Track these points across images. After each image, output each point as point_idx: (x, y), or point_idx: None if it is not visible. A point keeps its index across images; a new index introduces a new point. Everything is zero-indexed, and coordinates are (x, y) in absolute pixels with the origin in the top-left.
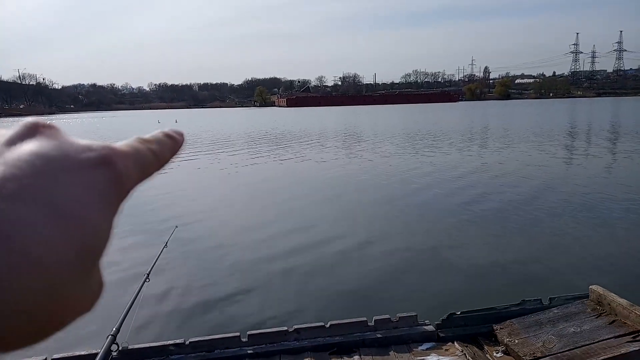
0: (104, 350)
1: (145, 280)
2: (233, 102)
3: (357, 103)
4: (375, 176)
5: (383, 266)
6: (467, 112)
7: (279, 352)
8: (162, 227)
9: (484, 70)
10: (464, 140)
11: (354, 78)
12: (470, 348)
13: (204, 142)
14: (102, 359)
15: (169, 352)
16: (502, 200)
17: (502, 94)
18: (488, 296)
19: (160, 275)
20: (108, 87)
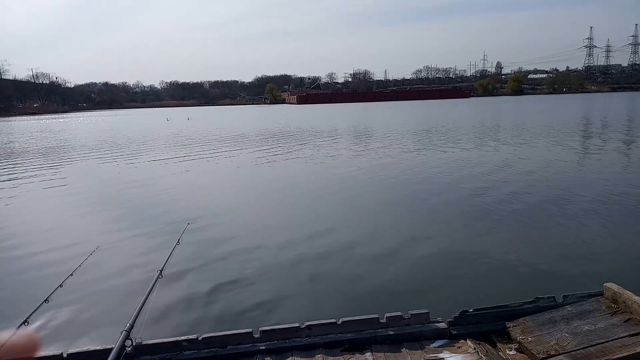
0: (118, 346)
1: (158, 277)
2: (244, 99)
3: (367, 99)
4: (389, 173)
5: (394, 263)
6: (480, 108)
7: (291, 348)
8: (174, 224)
9: (496, 65)
10: (480, 136)
11: (365, 74)
12: (483, 345)
13: (215, 139)
14: (117, 354)
15: (182, 348)
16: (516, 196)
17: (515, 89)
18: (500, 294)
19: (173, 271)
20: (120, 86)
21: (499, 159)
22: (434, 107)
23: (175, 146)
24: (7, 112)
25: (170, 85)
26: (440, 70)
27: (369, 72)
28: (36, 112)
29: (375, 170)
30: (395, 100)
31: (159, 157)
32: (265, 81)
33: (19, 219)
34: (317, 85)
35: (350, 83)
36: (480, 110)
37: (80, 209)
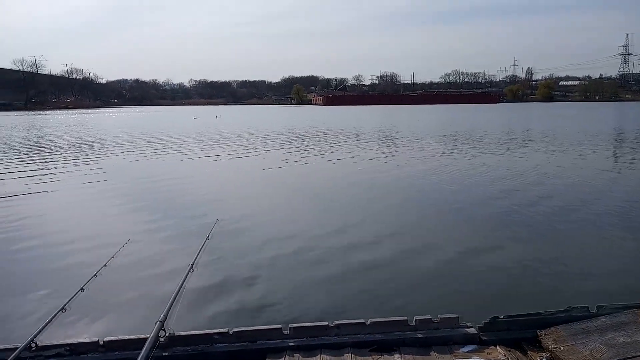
0: (153, 336)
1: (189, 271)
2: (270, 99)
3: (394, 102)
4: (419, 176)
5: (423, 266)
6: (510, 113)
7: (320, 346)
8: (204, 220)
9: (527, 71)
10: (510, 142)
11: (392, 77)
12: (514, 352)
13: (244, 138)
14: (151, 344)
15: (213, 341)
16: (550, 204)
17: (545, 96)
18: (531, 301)
19: (204, 266)
20: (150, 83)
21: (532, 165)
22: (461, 112)
23: (204, 144)
24: (42, 105)
25: (199, 84)
26: (469, 74)
27: (396, 74)
28: (69, 106)
29: (405, 172)
30: (422, 104)
31: (189, 153)
32: (292, 82)
33: (55, 210)
34: (343, 87)
35: (377, 85)
36: (510, 115)
37: (113, 202)
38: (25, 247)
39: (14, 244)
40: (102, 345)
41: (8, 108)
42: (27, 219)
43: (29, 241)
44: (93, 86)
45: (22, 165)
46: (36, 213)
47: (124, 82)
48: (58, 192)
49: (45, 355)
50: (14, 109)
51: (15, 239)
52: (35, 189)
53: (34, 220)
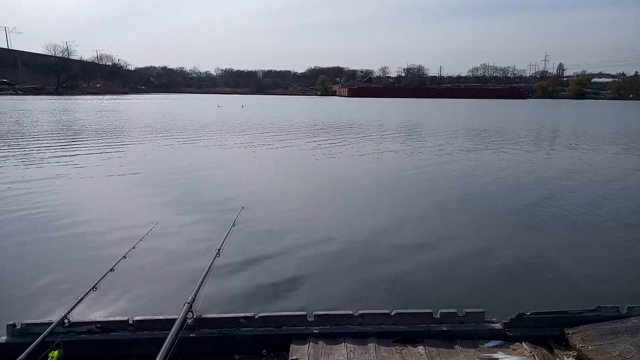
0: (182, 317)
1: (216, 256)
2: (295, 90)
3: (420, 96)
4: (446, 171)
5: (448, 260)
6: (540, 110)
7: (344, 334)
8: (229, 207)
9: (558, 67)
10: (542, 139)
11: (419, 70)
12: (540, 350)
13: (269, 127)
14: (180, 325)
15: (239, 324)
16: (585, 201)
17: (577, 92)
18: (558, 300)
19: (229, 251)
20: (177, 70)
21: (563, 162)
22: (489, 107)
23: (230, 132)
24: (73, 90)
25: (225, 73)
26: (497, 69)
27: (423, 67)
28: (98, 92)
29: (432, 167)
30: (448, 98)
31: (215, 142)
32: (317, 72)
33: (86, 194)
34: (369, 79)
35: (403, 78)
36: (540, 112)
37: (141, 187)
38: (58, 228)
39: (49, 226)
40: (132, 324)
41: (40, 92)
42: (60, 202)
43: (61, 223)
44: (122, 72)
45: (56, 149)
46: (69, 196)
47: (152, 69)
48: (89, 176)
49: (77, 331)
50: (46, 93)
51: (49, 221)
52: (68, 173)
53: (66, 203)
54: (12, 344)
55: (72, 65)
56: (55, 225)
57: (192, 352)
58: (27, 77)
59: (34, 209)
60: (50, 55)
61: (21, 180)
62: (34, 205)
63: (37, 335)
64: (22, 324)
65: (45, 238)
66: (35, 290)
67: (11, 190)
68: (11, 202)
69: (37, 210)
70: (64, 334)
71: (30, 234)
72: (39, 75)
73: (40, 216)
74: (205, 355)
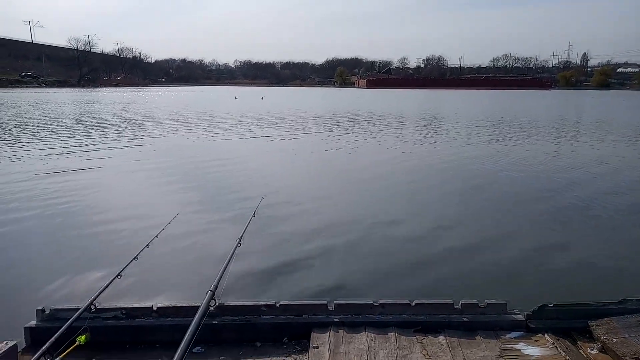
0: (205, 304)
1: (237, 245)
2: (313, 81)
3: (440, 86)
4: (468, 162)
5: (470, 251)
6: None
7: (364, 323)
8: (249, 198)
9: (582, 57)
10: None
11: (439, 60)
12: (563, 342)
13: (290, 119)
14: (203, 312)
15: (260, 312)
16: (612, 193)
17: (601, 83)
18: (581, 292)
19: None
20: (197, 63)
21: (590, 154)
22: (510, 98)
23: (250, 124)
24: (94, 83)
25: (244, 65)
26: (519, 59)
27: (443, 58)
28: (119, 84)
29: (452, 157)
30: (469, 89)
31: (235, 133)
32: (336, 64)
33: (110, 185)
34: (387, 70)
35: (423, 69)
36: (562, 102)
37: (162, 178)
38: (84, 218)
39: (75, 216)
40: (156, 311)
41: (63, 85)
42: (86, 193)
43: (87, 213)
44: (142, 65)
45: (81, 141)
46: (94, 187)
47: (172, 62)
48: (113, 167)
49: (103, 317)
50: (68, 85)
51: (75, 211)
52: (93, 165)
53: (91, 193)
54: (42, 328)
55: (93, 58)
56: (82, 215)
57: (214, 339)
58: (50, 70)
59: (61, 200)
60: (73, 48)
61: (49, 172)
62: (61, 196)
63: (65, 320)
64: (51, 309)
65: (71, 227)
66: (62, 277)
67: (40, 181)
68: (40, 193)
69: (63, 201)
70: (90, 319)
71: (58, 224)
72: (62, 68)
73: (66, 206)
74: (227, 342)
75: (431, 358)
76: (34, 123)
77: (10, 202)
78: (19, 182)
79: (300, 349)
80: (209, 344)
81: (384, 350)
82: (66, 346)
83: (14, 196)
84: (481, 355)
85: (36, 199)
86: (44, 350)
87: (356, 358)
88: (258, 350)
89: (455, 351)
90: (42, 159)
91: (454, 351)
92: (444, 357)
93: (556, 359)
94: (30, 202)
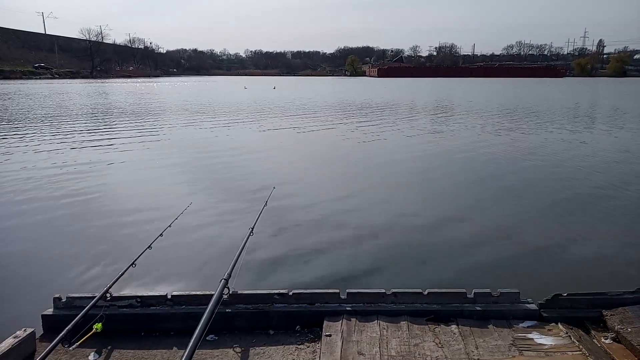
0: (218, 293)
1: (249, 234)
2: (324, 70)
3: (452, 75)
4: (484, 152)
5: (485, 240)
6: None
7: (377, 312)
8: (260, 187)
9: (598, 43)
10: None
11: (451, 49)
12: (576, 331)
13: (302, 109)
14: (217, 300)
15: (273, 301)
16: (630, 183)
17: (617, 70)
18: (594, 281)
19: (262, 230)
20: (208, 53)
21: (611, 142)
22: (523, 86)
23: (262, 114)
24: (106, 74)
25: (255, 54)
26: (533, 46)
27: (456, 46)
28: (131, 75)
29: (466, 147)
30: (482, 77)
31: (247, 124)
32: (347, 52)
33: (123, 176)
34: (399, 59)
35: (435, 57)
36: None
37: (174, 169)
38: (99, 208)
39: (90, 206)
40: (170, 299)
41: (76, 76)
42: (100, 183)
43: (101, 202)
44: (153, 55)
45: (95, 132)
46: (107, 177)
47: (183, 52)
48: (127, 157)
49: (118, 305)
50: (81, 76)
51: (90, 201)
52: (107, 156)
53: (105, 184)
54: (58, 316)
55: (105, 49)
56: (97, 205)
57: (227, 327)
58: (63, 61)
59: (76, 190)
60: (85, 39)
61: (64, 163)
62: (75, 186)
63: (81, 308)
64: (67, 297)
65: (87, 217)
66: (78, 266)
67: (56, 171)
68: (55, 184)
69: (79, 191)
70: (106, 307)
71: (74, 214)
72: (74, 59)
73: (82, 197)
74: (240, 330)
75: (444, 347)
76: (50, 114)
77: (27, 191)
78: (36, 173)
79: (312, 337)
80: (222, 332)
81: (396, 339)
82: (82, 333)
83: (31, 186)
84: (494, 344)
85: (53, 189)
86: (62, 337)
87: (368, 346)
88: (271, 338)
89: (467, 340)
90: (59, 149)
91: (466, 340)
92: (456, 346)
93: (569, 348)
94: (47, 192)
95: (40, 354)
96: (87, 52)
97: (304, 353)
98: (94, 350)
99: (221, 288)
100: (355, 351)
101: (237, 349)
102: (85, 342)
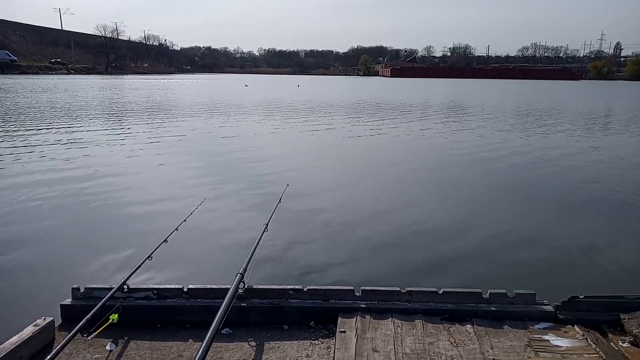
0: (234, 287)
1: (264, 230)
2: (337, 70)
3: (466, 76)
4: (499, 150)
5: (501, 241)
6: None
7: (391, 310)
8: (274, 185)
9: (615, 46)
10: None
11: (465, 49)
12: (593, 334)
13: (317, 107)
14: (233, 294)
15: (288, 296)
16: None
17: (634, 73)
18: (612, 285)
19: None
20: (221, 51)
21: (630, 146)
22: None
23: (277, 112)
24: (121, 70)
25: (268, 53)
26: (549, 48)
27: (470, 46)
28: (146, 71)
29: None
30: (496, 78)
31: (261, 121)
32: (359, 52)
33: (139, 171)
34: (413, 59)
35: (449, 57)
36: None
37: (190, 163)
38: (116, 202)
39: (108, 199)
40: (186, 292)
41: (91, 72)
42: (116, 178)
43: (118, 197)
44: (168, 52)
45: (111, 127)
46: (124, 172)
47: (197, 50)
48: (143, 152)
49: (135, 297)
50: (96, 72)
51: (108, 195)
52: (125, 150)
53: (122, 178)
54: (77, 306)
55: (120, 45)
56: (114, 199)
57: (242, 321)
58: (78, 57)
59: (94, 184)
60: (101, 35)
61: (81, 156)
62: (94, 180)
63: (99, 299)
64: (86, 287)
65: (105, 210)
66: (96, 258)
67: (76, 164)
68: (73, 179)
69: (97, 185)
70: (123, 298)
71: (92, 207)
72: (90, 55)
73: (100, 190)
74: (254, 324)
75: (458, 346)
76: (67, 109)
77: (47, 185)
78: (56, 165)
79: (327, 333)
80: (237, 326)
81: (410, 337)
82: (100, 324)
83: (51, 178)
84: (509, 344)
85: (71, 182)
86: (80, 326)
87: (383, 343)
88: (285, 333)
89: (482, 340)
90: (74, 144)
91: (481, 340)
92: (471, 345)
93: (586, 350)
94: (66, 185)
95: (59, 343)
96: (103, 48)
97: (319, 349)
98: (110, 341)
99: (237, 282)
100: (369, 348)
101: (251, 342)
102: (102, 332)
